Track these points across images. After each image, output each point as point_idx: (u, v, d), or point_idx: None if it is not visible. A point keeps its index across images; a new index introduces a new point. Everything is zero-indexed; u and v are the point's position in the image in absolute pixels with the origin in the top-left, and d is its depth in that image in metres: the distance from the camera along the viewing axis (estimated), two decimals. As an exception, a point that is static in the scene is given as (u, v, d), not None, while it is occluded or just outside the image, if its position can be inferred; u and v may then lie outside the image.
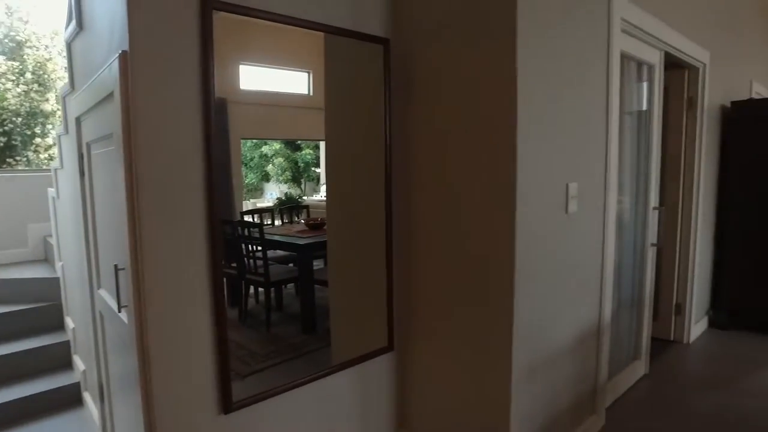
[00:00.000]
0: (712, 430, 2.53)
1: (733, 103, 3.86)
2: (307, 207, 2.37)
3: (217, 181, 1.60)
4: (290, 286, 2.27)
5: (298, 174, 2.35)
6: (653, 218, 2.99)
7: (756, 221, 3.78)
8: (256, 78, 1.87)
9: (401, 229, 2.20)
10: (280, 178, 2.31)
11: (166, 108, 1.49)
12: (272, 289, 2.19)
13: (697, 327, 3.79)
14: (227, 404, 1.67)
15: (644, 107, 2.93)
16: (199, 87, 1.55)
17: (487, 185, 1.85)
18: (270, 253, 2.21)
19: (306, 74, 2.03)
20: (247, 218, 2.10)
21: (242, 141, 1.97)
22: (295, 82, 2.03)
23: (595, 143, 2.26)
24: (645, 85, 2.88)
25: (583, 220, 2.21)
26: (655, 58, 2.88)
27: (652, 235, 3.01)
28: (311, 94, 2.04)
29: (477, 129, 1.87)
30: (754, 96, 4.55)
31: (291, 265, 2.33)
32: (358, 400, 2.16)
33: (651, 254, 3.02)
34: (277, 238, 2.29)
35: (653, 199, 2.99)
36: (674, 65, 3.29)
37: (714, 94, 3.68)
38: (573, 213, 2.11)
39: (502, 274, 1.84)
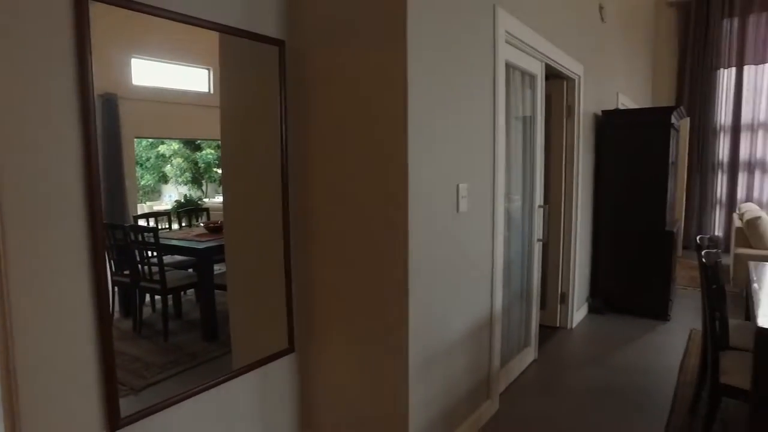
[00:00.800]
0: (589, 401, 2.82)
1: (603, 111, 4.32)
2: (207, 210, 2.30)
3: (105, 183, 1.51)
4: (190, 292, 2.19)
5: (199, 175, 2.26)
6: (538, 216, 3.25)
7: (620, 219, 4.27)
8: (151, 73, 1.78)
9: (299, 231, 2.20)
10: (179, 180, 2.21)
11: (34, 103, 1.38)
12: (170, 296, 2.09)
13: (578, 313, 4.18)
14: (114, 422, 1.58)
15: (529, 113, 3.18)
16: (75, 80, 1.45)
17: (380, 185, 1.92)
18: (167, 259, 2.11)
19: (206, 71, 1.97)
20: (142, 222, 1.99)
21: (137, 140, 1.87)
22: (194, 78, 1.96)
23: (484, 146, 2.42)
24: (529, 92, 3.13)
25: (474, 218, 2.36)
26: (537, 69, 3.14)
27: (538, 231, 3.27)
28: (212, 92, 1.98)
29: (369, 131, 1.93)
30: (620, 106, 5.11)
31: (190, 270, 2.24)
32: (260, 403, 2.14)
33: (537, 249, 3.29)
34: (174, 242, 2.19)
35: (538, 198, 3.25)
36: (555, 76, 3.61)
37: (588, 103, 4.09)
38: (464, 212, 2.24)
39: (396, 272, 1.91)
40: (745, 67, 6.98)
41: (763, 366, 1.77)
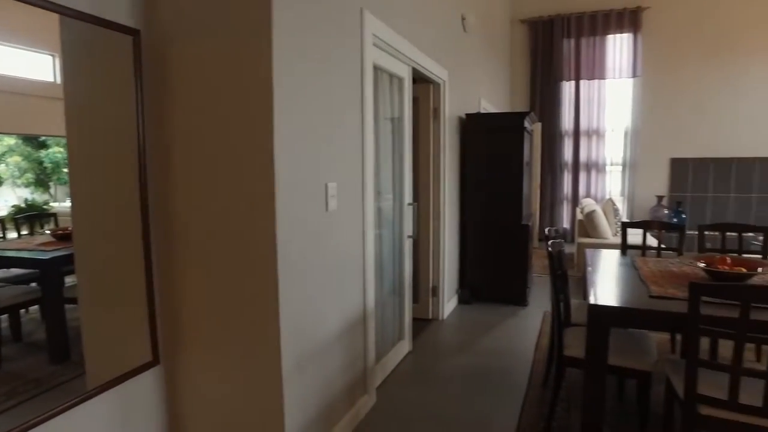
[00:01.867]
0: (460, 385, 3.02)
1: (467, 114, 4.65)
2: (54, 215, 2.04)
3: None
4: (35, 309, 1.93)
5: (45, 176, 2.00)
6: (408, 213, 3.40)
7: (483, 214, 4.63)
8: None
9: (161, 234, 2.07)
10: (19, 182, 1.93)
11: None
12: (4, 316, 1.83)
13: (449, 305, 4.45)
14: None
15: (397, 115, 3.31)
16: None
17: (247, 185, 1.87)
18: (1, 273, 1.84)
19: (50, 57, 1.75)
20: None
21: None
22: (36, 65, 1.72)
23: (352, 146, 2.47)
24: (397, 95, 3.26)
25: (344, 216, 2.40)
26: (405, 72, 3.28)
27: (408, 228, 3.42)
28: (58, 81, 1.76)
29: (235, 130, 1.88)
30: (482, 110, 5.55)
31: (33, 284, 1.98)
32: (122, 423, 1.96)
33: (408, 245, 3.44)
34: (10, 254, 1.92)
35: (408, 196, 3.40)
36: (422, 79, 3.81)
37: (454, 106, 4.37)
38: (334, 211, 2.27)
39: (266, 273, 1.88)
40: (582, 81, 7.98)
41: (593, 336, 2.04)
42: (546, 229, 2.85)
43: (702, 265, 2.42)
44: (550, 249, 2.44)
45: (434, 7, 3.76)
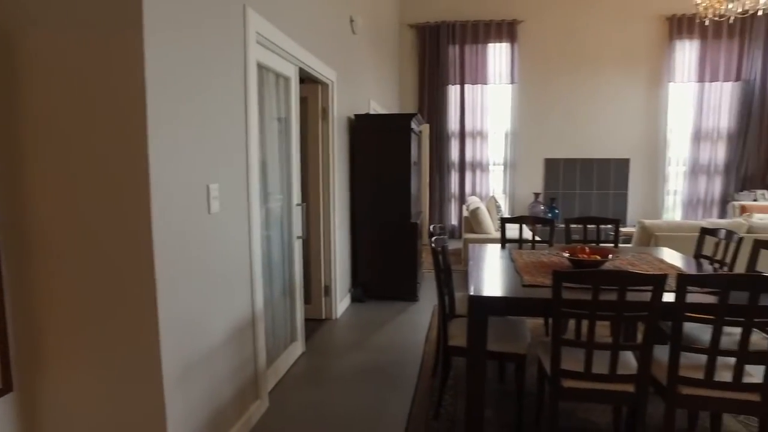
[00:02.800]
0: (354, 383, 3.06)
1: (356, 115, 4.72)
2: None
3: None
4: None
5: None
6: (297, 213, 3.37)
7: (373, 213, 4.74)
8: None
9: (11, 244, 1.84)
10: None
11: None
12: None
13: (342, 304, 4.49)
14: None
15: (285, 115, 3.27)
16: None
17: (118, 189, 1.74)
18: None
19: None
20: None
21: None
22: None
23: (236, 146, 2.40)
24: (284, 94, 3.22)
25: (229, 218, 2.32)
26: (291, 72, 3.25)
27: (298, 229, 3.39)
28: None
29: (104, 130, 1.73)
30: (372, 111, 5.66)
31: None
32: (-34, 460, 1.73)
33: (298, 246, 3.41)
34: None
35: (296, 196, 3.37)
36: (310, 80, 3.79)
37: (343, 107, 4.41)
38: (217, 213, 2.19)
39: (142, 281, 1.76)
40: (466, 86, 8.46)
41: (473, 326, 2.18)
42: (431, 227, 2.99)
43: (566, 255, 2.68)
44: (433, 245, 2.56)
45: (322, 7, 3.77)
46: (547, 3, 8.33)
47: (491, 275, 2.63)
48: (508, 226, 3.75)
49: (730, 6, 5.57)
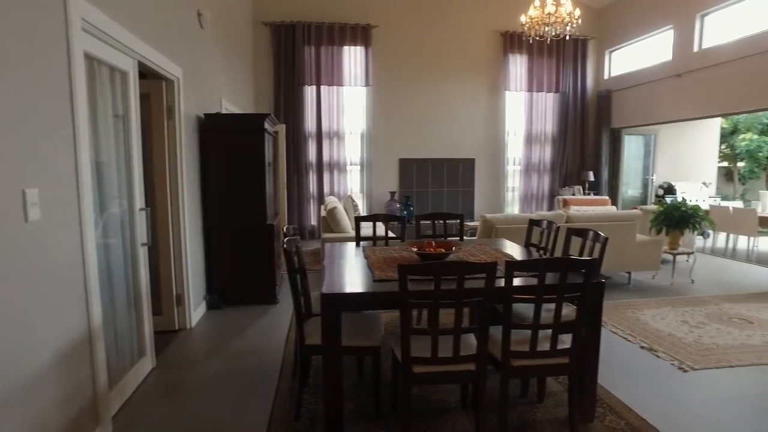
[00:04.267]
0: (212, 393, 2.92)
1: (206, 114, 4.50)
2: None
3: None
4: None
5: None
6: (141, 219, 3.13)
7: (228, 216, 4.58)
8: None
9: None
10: None
11: None
12: None
13: (197, 312, 4.26)
14: None
15: (123, 112, 3.00)
16: None
17: None
18: None
19: None
20: None
21: None
22: None
23: (62, 145, 2.15)
24: (121, 90, 2.96)
25: (54, 227, 2.07)
26: (129, 66, 3.00)
27: (142, 236, 3.14)
28: None
29: None
30: (225, 110, 5.45)
31: None
32: None
33: (143, 253, 3.16)
34: None
35: (139, 200, 3.12)
36: (153, 75, 3.53)
37: (191, 105, 4.18)
38: (37, 221, 1.94)
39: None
40: (322, 87, 8.54)
41: (327, 323, 2.24)
42: (284, 228, 2.98)
43: (415, 249, 2.87)
44: (285, 246, 2.56)
45: (162, -2, 3.53)
46: (399, 11, 8.77)
47: (344, 273, 2.71)
48: (363, 224, 3.89)
49: (547, 29, 6.41)
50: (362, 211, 8.95)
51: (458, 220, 4.00)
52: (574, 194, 9.02)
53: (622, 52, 9.28)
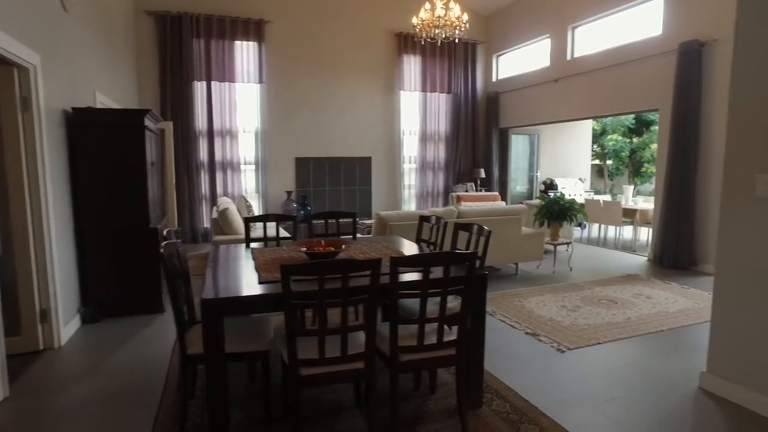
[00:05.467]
0: (85, 416, 2.63)
1: (74, 108, 4.07)
2: None
3: None
4: None
5: None
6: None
7: (105, 220, 4.18)
8: None
9: None
10: None
11: None
12: None
13: (68, 328, 3.83)
14: None
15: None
16: None
17: None
18: None
19: None
20: None
21: None
22: None
23: None
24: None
25: None
26: (-32, 50, 2.61)
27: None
28: None
29: None
30: (100, 105, 4.97)
31: None
32: None
33: (-7, 265, 2.78)
34: None
35: (-13, 205, 2.74)
36: (1, 61, 3.11)
37: (55, 97, 3.75)
38: None
39: None
40: (213, 83, 8.14)
41: (208, 330, 2.10)
42: (165, 231, 2.77)
43: (303, 249, 2.81)
44: (162, 250, 2.38)
45: (12, -25, 3.12)
46: (293, 7, 8.60)
47: (229, 276, 2.57)
48: (255, 225, 3.75)
49: (437, 31, 6.64)
50: (257, 212, 8.67)
51: (351, 219, 3.99)
52: (467, 191, 9.45)
53: (508, 56, 9.89)
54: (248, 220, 3.77)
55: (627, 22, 7.20)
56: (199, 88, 8.10)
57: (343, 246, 2.88)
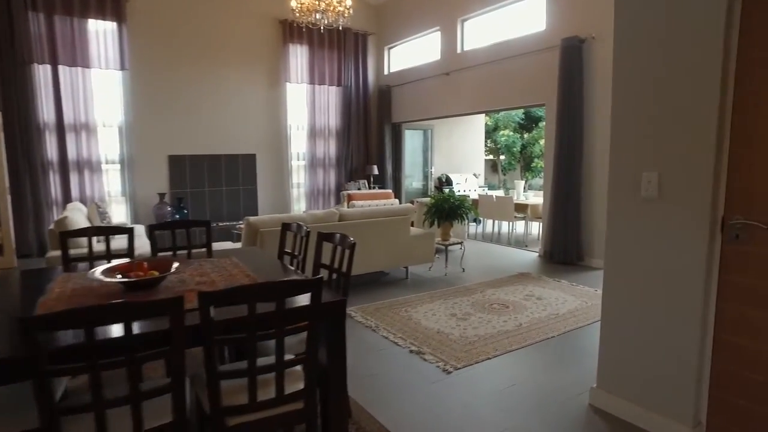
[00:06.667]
0: None
1: None
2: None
3: None
4: None
5: None
6: None
7: None
8: None
9: None
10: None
11: None
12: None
13: None
14: None
15: None
16: None
17: None
18: None
19: None
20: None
21: None
22: None
23: None
24: None
25: None
26: None
27: None
28: None
29: None
30: None
31: None
32: None
33: None
34: None
35: None
36: None
37: None
38: None
39: None
40: (61, 67, 6.91)
41: None
42: None
43: (119, 276, 2.14)
44: None
45: None
46: (155, -17, 7.57)
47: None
48: (76, 240, 2.96)
49: (318, 16, 6.08)
50: (126, 218, 7.59)
51: (205, 228, 3.32)
52: (359, 188, 9.00)
53: (400, 49, 9.57)
54: (65, 235, 2.96)
55: (514, 17, 7.14)
56: (42, 72, 6.83)
57: (174, 266, 2.25)
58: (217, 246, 4.70)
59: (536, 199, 8.12)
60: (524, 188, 8.80)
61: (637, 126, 2.33)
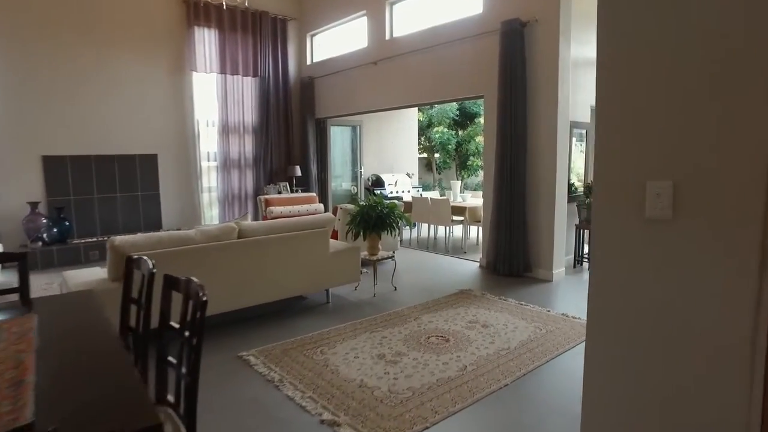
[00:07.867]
0: None
1: None
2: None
3: None
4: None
5: None
6: None
7: None
8: None
9: None
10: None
11: None
12: None
13: None
14: None
15: None
16: None
17: None
18: None
19: None
20: None
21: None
22: None
23: None
24: None
25: None
26: None
27: None
28: None
29: None
30: None
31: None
32: None
33: None
34: None
35: None
36: None
37: None
38: None
39: None
40: None
41: None
42: None
43: None
44: None
45: None
46: (17, -53, 6.18)
47: None
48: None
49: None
50: (-15, 233, 6.16)
51: (18, 262, 2.27)
52: (280, 192, 7.99)
53: (324, 36, 8.64)
54: None
55: (447, -1, 6.40)
56: None
57: None
58: (74, 274, 3.60)
59: (474, 200, 7.47)
60: (460, 188, 8.14)
61: (637, 116, 1.56)
